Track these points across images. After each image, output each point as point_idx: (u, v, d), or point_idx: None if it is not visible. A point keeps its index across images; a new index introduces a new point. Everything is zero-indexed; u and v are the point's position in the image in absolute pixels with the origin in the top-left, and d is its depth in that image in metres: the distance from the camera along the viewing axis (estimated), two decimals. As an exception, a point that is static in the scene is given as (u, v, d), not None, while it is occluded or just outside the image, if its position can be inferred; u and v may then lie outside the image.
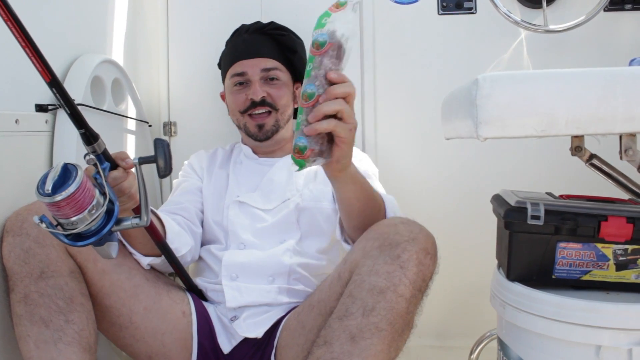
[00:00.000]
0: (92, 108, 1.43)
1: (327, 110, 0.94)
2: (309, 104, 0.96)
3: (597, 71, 0.88)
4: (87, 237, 0.89)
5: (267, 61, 1.53)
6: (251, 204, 1.45)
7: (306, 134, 0.95)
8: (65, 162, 0.87)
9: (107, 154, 1.00)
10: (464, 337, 1.70)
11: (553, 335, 1.01)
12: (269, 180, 1.49)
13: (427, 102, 1.79)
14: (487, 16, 1.77)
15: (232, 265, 1.36)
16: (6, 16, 0.80)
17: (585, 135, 0.95)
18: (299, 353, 1.19)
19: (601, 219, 1.03)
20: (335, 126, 0.94)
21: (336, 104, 0.94)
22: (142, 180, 1.01)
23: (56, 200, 0.82)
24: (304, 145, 0.96)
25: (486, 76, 0.88)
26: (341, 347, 1.01)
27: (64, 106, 0.92)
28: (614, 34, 1.76)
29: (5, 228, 1.13)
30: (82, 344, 1.09)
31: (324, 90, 0.96)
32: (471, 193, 1.78)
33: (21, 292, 1.09)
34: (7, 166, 1.20)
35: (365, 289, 1.04)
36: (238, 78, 1.53)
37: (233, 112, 1.57)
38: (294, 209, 1.41)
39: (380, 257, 1.06)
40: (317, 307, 1.20)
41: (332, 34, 0.94)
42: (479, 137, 0.89)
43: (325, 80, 0.95)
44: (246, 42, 1.56)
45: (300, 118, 0.97)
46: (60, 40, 1.44)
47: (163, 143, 1.03)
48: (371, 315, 1.02)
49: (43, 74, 0.87)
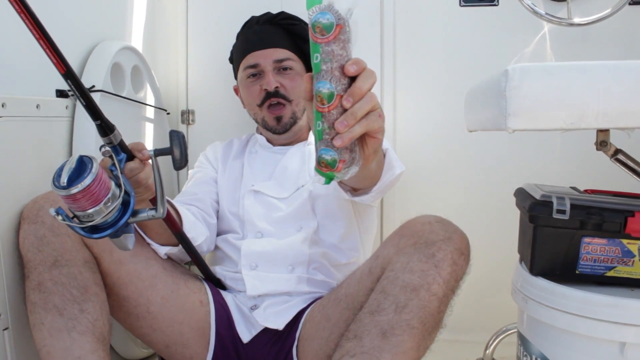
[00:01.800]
0: (112, 94, 1.43)
1: (361, 113, 0.76)
2: (329, 107, 0.77)
3: (629, 64, 0.87)
4: (104, 229, 0.89)
5: (279, 51, 1.52)
6: (266, 192, 1.45)
7: (337, 146, 0.77)
8: (80, 155, 0.86)
9: (124, 144, 1.00)
10: (479, 332, 1.69)
11: (577, 331, 1.00)
12: (282, 168, 1.48)
13: (448, 94, 1.78)
14: (510, 8, 1.75)
15: (252, 254, 1.36)
16: (20, 9, 0.79)
17: (615, 129, 0.93)
18: (323, 346, 1.19)
19: (628, 215, 1.02)
20: (367, 124, 0.77)
21: (368, 102, 0.76)
22: (158, 172, 1.01)
23: (72, 193, 0.82)
24: (332, 158, 0.78)
25: (516, 67, 0.87)
26: (372, 341, 1.00)
27: (79, 97, 0.91)
28: (639, 28, 1.74)
29: (22, 215, 1.14)
30: (95, 333, 1.09)
31: (342, 87, 0.77)
32: (492, 187, 1.77)
33: (35, 279, 1.10)
34: (27, 151, 1.20)
35: (398, 285, 1.03)
36: (251, 70, 1.52)
37: (250, 105, 1.56)
38: (308, 197, 1.41)
39: (414, 255, 1.05)
40: (344, 301, 1.19)
41: (335, 12, 0.76)
42: (507, 129, 0.88)
43: (340, 73, 0.77)
44: (257, 33, 1.55)
45: (319, 125, 0.78)
46: (81, 27, 1.44)
47: (179, 135, 1.03)
48: (403, 312, 1.01)
49: (58, 65, 0.86)
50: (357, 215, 1.45)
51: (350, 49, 0.77)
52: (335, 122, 0.76)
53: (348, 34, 0.77)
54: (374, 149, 0.82)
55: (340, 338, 1.08)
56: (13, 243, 1.14)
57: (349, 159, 0.79)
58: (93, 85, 1.36)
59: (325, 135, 0.77)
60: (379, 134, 0.81)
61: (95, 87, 1.37)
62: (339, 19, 0.75)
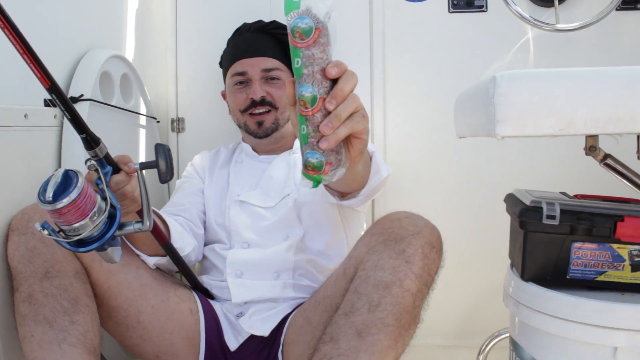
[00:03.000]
0: (100, 103, 1.42)
1: (345, 115, 0.76)
2: (312, 110, 0.77)
3: (617, 70, 0.87)
4: (90, 243, 0.89)
5: (268, 61, 1.52)
6: (251, 202, 1.44)
7: (323, 148, 0.77)
8: (66, 169, 0.86)
9: (109, 157, 0.99)
10: (472, 337, 1.69)
11: (568, 336, 1.00)
12: (268, 178, 1.48)
13: (437, 100, 1.78)
14: (498, 15, 1.76)
15: (237, 263, 1.36)
16: (3, 24, 0.79)
17: (604, 134, 0.94)
18: (306, 350, 1.19)
19: (617, 219, 1.02)
20: (352, 125, 0.77)
21: (351, 103, 0.77)
22: (144, 185, 1.00)
23: (58, 208, 0.82)
24: (319, 161, 0.78)
25: (504, 74, 0.87)
26: (348, 343, 1.01)
27: (64, 112, 0.91)
28: (625, 34, 1.75)
29: (11, 227, 1.13)
30: (86, 345, 1.08)
31: (324, 90, 0.77)
32: (482, 192, 1.77)
33: (25, 291, 1.08)
34: (15, 162, 1.19)
35: (370, 284, 1.04)
36: (239, 77, 1.53)
37: (234, 111, 1.56)
38: (293, 205, 1.40)
39: (385, 252, 1.06)
40: (322, 304, 1.19)
41: (313, 16, 0.76)
42: (495, 136, 0.88)
43: (322, 76, 0.77)
44: (247, 41, 1.55)
45: (304, 129, 0.78)
46: (69, 35, 1.43)
47: (164, 148, 1.02)
48: (377, 311, 1.01)
49: (42, 80, 0.86)
50: (344, 221, 1.45)
51: (330, 51, 0.78)
52: (320, 124, 0.76)
53: (327, 37, 0.78)
54: (359, 150, 0.82)
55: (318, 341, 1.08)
56: (1, 255, 1.13)
57: (335, 161, 0.79)
58: (82, 94, 1.36)
59: (311, 138, 0.78)
60: (364, 135, 0.81)
61: (83, 96, 1.36)
62: (318, 22, 0.76)
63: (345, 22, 1.75)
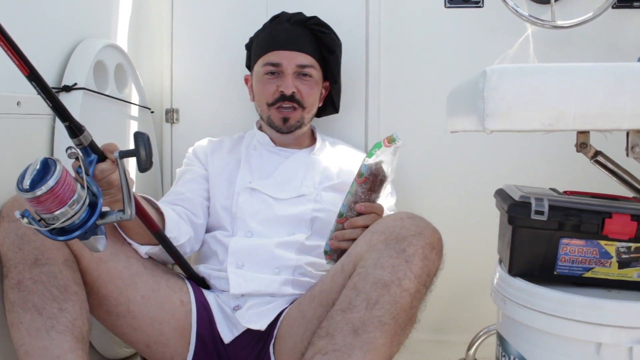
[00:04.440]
0: (94, 92, 1.42)
1: (348, 237, 1.20)
2: (339, 221, 1.23)
3: (606, 66, 0.87)
4: (71, 231, 0.89)
5: (304, 57, 1.51)
6: (264, 191, 1.43)
7: (330, 246, 1.24)
8: (45, 157, 0.86)
9: (95, 145, 0.99)
10: (461, 332, 1.70)
11: (553, 332, 1.00)
12: (284, 169, 1.47)
13: (431, 95, 1.78)
14: (495, 10, 1.75)
15: (239, 253, 1.36)
16: None
17: (593, 130, 0.94)
18: (298, 343, 1.19)
19: (605, 216, 1.03)
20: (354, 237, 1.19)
21: (354, 233, 1.19)
22: (124, 173, 0.99)
23: (36, 195, 0.82)
24: (325, 250, 1.27)
25: (494, 68, 0.87)
26: (343, 339, 1.00)
27: (45, 99, 0.90)
28: (621, 31, 1.75)
29: (1, 213, 1.13)
30: (74, 333, 1.08)
31: (352, 215, 1.20)
32: (473, 187, 1.77)
33: (14, 278, 1.08)
34: (7, 149, 1.19)
35: (369, 282, 1.04)
36: (271, 67, 1.50)
37: (259, 101, 1.54)
38: (312, 210, 1.41)
39: (385, 251, 1.05)
40: (318, 298, 1.19)
41: (370, 168, 1.16)
42: (485, 130, 0.88)
43: (354, 206, 1.20)
44: (287, 32, 1.53)
45: (333, 227, 1.25)
46: (63, 24, 1.43)
47: (144, 136, 1.01)
48: (374, 309, 1.01)
49: (21, 67, 0.86)
50: None
51: (372, 195, 1.20)
52: (335, 232, 1.23)
53: (372, 185, 1.18)
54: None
55: (313, 335, 1.08)
56: (-10, 241, 1.13)
57: (335, 257, 1.24)
58: (75, 83, 1.36)
59: (332, 235, 1.24)
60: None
61: (77, 85, 1.36)
62: (368, 173, 1.17)
63: (342, 16, 1.75)
